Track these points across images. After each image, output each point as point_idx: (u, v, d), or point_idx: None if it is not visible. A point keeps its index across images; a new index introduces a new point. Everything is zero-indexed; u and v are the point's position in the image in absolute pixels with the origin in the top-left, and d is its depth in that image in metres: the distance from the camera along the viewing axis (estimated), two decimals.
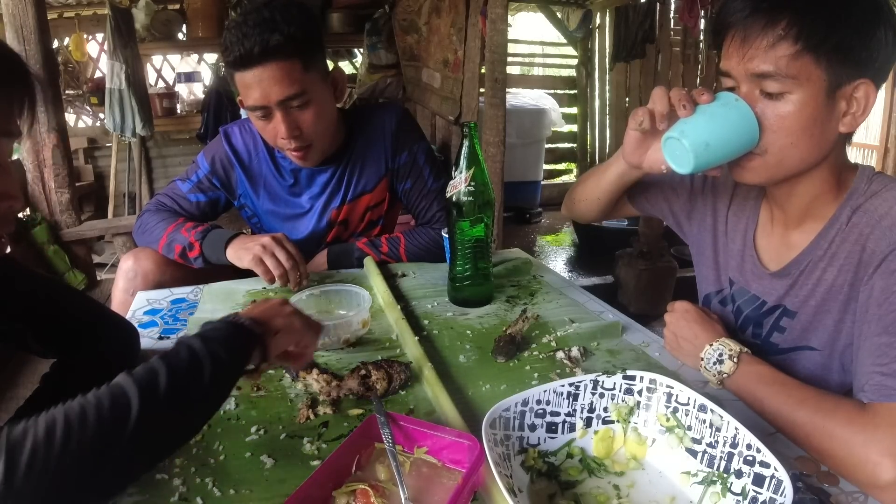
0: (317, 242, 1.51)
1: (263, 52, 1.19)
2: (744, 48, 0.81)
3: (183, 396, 0.64)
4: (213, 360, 0.67)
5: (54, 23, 4.04)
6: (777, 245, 0.97)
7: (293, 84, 1.23)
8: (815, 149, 0.83)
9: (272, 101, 1.24)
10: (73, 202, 3.05)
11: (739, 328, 1.04)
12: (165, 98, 4.52)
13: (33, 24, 2.76)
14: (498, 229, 3.02)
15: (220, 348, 0.68)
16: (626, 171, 1.05)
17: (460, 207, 1.12)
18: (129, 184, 4.38)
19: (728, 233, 1.06)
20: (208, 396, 0.68)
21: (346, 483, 0.68)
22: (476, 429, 0.71)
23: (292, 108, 1.26)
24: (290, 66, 1.22)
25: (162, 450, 0.66)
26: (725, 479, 0.67)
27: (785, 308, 0.95)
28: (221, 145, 1.46)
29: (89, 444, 0.56)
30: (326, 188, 1.47)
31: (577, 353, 0.98)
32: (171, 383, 0.63)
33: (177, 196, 1.46)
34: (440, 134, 4.16)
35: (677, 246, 3.82)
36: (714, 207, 1.09)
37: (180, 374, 0.64)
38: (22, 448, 0.53)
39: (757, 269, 0.99)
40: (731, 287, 1.05)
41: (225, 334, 0.71)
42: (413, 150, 1.47)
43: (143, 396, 0.60)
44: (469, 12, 3.09)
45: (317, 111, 1.29)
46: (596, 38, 5.63)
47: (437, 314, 1.17)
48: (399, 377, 0.88)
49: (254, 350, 0.73)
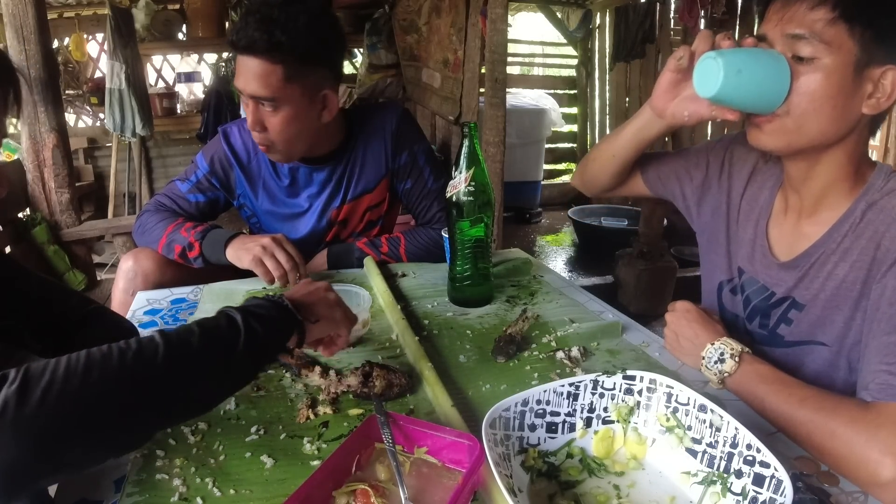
0: (316, 242, 1.51)
1: (247, 47, 1.21)
2: (784, 10, 0.83)
3: (212, 360, 0.64)
4: (249, 333, 0.67)
5: (54, 23, 4.04)
6: (789, 235, 0.98)
7: (266, 87, 1.23)
8: (835, 121, 0.84)
9: (245, 91, 1.26)
10: (73, 202, 3.05)
11: (747, 318, 1.04)
12: (165, 98, 4.52)
13: (33, 24, 2.76)
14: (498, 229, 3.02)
15: (258, 324, 0.69)
16: (647, 122, 1.05)
17: (460, 207, 1.12)
18: (129, 184, 4.38)
19: (740, 221, 1.06)
20: (237, 367, 0.68)
21: (346, 483, 0.68)
22: (476, 429, 0.71)
23: (262, 106, 1.27)
24: (269, 70, 1.22)
25: (181, 410, 0.65)
26: (725, 479, 0.67)
27: (794, 300, 0.95)
28: (220, 145, 1.46)
29: (111, 382, 0.55)
30: (326, 187, 1.47)
31: (577, 353, 0.98)
32: (203, 344, 0.63)
33: (176, 196, 1.46)
34: (440, 134, 4.16)
35: (677, 246, 3.82)
36: (729, 194, 1.09)
37: (213, 338, 0.64)
38: (40, 377, 0.52)
39: (767, 259, 1.00)
40: (741, 276, 1.05)
41: (267, 312, 0.72)
42: (413, 150, 1.47)
43: (170, 347, 0.60)
44: (469, 12, 3.09)
45: (286, 119, 1.27)
46: (596, 38, 5.63)
47: (437, 314, 1.17)
48: (399, 383, 0.87)
49: (292, 333, 0.75)
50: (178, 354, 0.61)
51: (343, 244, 1.49)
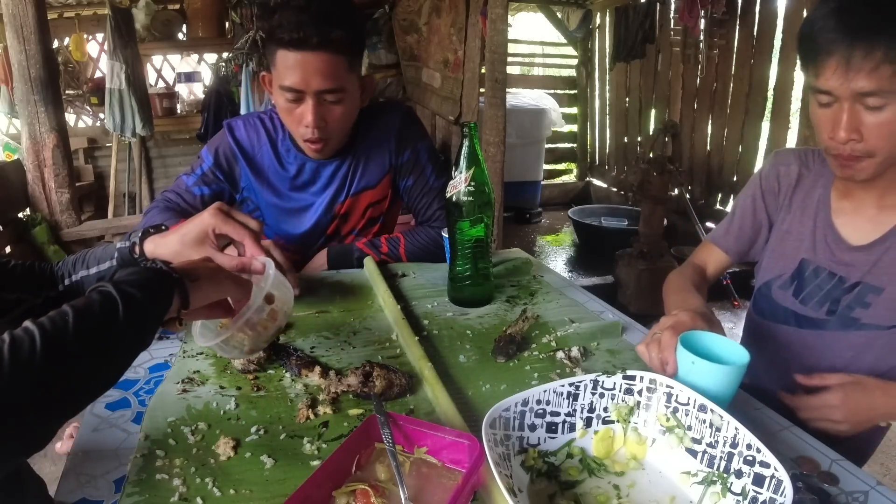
0: (318, 236, 1.52)
1: (321, 43, 1.22)
2: (848, 73, 0.90)
3: (94, 338, 0.61)
4: (127, 301, 0.64)
5: (54, 23, 4.04)
6: (860, 223, 1.07)
7: (335, 79, 1.27)
8: None
9: (310, 88, 1.26)
10: (73, 202, 3.05)
11: (809, 305, 1.12)
12: (165, 98, 4.52)
13: (33, 24, 2.76)
14: (498, 229, 3.02)
15: (135, 289, 0.66)
16: None
17: (460, 207, 1.12)
18: (129, 184, 4.38)
19: (793, 218, 1.16)
20: (123, 340, 0.64)
21: (346, 483, 0.68)
22: (476, 429, 0.71)
23: (325, 101, 1.30)
24: (337, 62, 1.26)
25: (77, 396, 0.61)
26: (725, 479, 0.67)
27: (867, 284, 1.04)
28: (225, 138, 1.46)
29: None
30: (332, 182, 1.48)
31: (577, 353, 0.98)
32: (79, 325, 0.59)
33: (181, 190, 1.46)
34: (440, 134, 4.16)
35: (677, 246, 3.82)
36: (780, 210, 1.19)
37: (89, 316, 0.61)
38: None
39: (837, 246, 1.08)
40: (804, 268, 1.13)
41: (140, 276, 0.69)
42: (416, 148, 1.49)
43: (45, 338, 0.56)
44: (469, 12, 3.10)
45: (345, 109, 1.33)
46: (596, 38, 5.63)
47: (437, 314, 1.17)
48: (399, 383, 0.87)
49: (172, 293, 0.71)
50: (55, 343, 0.57)
51: (343, 244, 1.49)
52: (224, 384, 0.91)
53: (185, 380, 0.91)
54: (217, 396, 0.88)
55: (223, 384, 0.91)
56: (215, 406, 0.85)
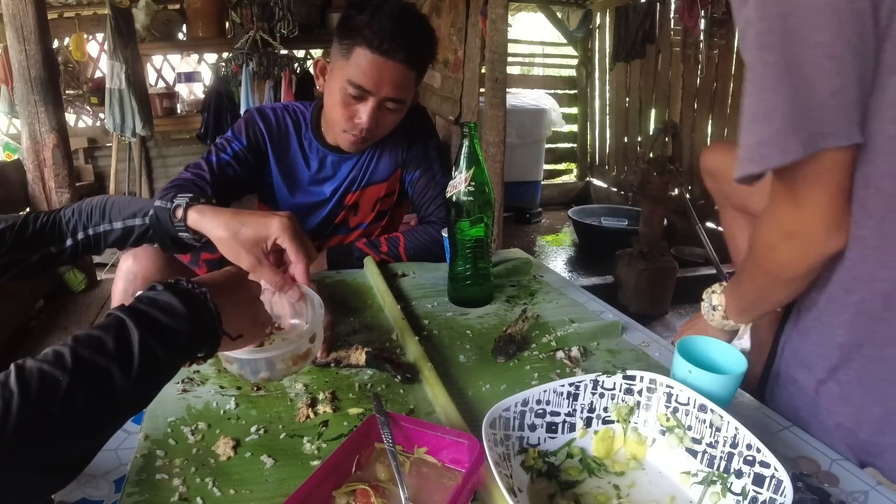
0: (326, 226, 1.55)
1: (405, 58, 1.27)
2: None
3: (86, 414, 0.49)
4: (145, 358, 0.53)
5: (54, 23, 4.04)
6: None
7: (403, 91, 1.32)
8: None
9: (380, 93, 1.29)
10: (73, 202, 3.04)
11: None
12: (165, 98, 4.52)
13: (33, 24, 2.76)
14: (498, 229, 3.02)
15: (159, 346, 0.55)
16: None
17: (460, 207, 1.12)
18: (129, 184, 4.38)
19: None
20: (123, 408, 0.53)
21: (346, 483, 0.68)
22: (476, 429, 0.71)
23: (385, 106, 1.33)
24: (410, 76, 1.32)
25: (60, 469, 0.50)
26: (725, 479, 0.67)
27: None
28: (257, 123, 1.46)
29: None
30: (347, 177, 1.51)
31: (577, 353, 0.98)
32: (72, 394, 0.48)
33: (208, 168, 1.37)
34: (440, 134, 4.15)
35: (677, 246, 3.82)
36: None
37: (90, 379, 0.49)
38: None
39: None
40: None
41: (174, 324, 0.57)
42: (426, 144, 1.54)
43: (24, 407, 0.46)
44: (469, 12, 3.10)
45: (396, 118, 1.39)
46: (596, 38, 5.63)
47: (437, 314, 1.17)
48: (401, 366, 0.92)
49: (201, 351, 0.62)
50: (35, 418, 0.46)
51: (343, 244, 1.49)
52: (224, 384, 0.91)
53: (184, 380, 0.92)
54: (217, 396, 0.88)
55: (223, 384, 0.91)
56: (215, 406, 0.86)
